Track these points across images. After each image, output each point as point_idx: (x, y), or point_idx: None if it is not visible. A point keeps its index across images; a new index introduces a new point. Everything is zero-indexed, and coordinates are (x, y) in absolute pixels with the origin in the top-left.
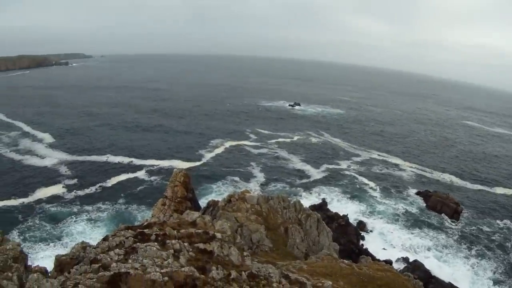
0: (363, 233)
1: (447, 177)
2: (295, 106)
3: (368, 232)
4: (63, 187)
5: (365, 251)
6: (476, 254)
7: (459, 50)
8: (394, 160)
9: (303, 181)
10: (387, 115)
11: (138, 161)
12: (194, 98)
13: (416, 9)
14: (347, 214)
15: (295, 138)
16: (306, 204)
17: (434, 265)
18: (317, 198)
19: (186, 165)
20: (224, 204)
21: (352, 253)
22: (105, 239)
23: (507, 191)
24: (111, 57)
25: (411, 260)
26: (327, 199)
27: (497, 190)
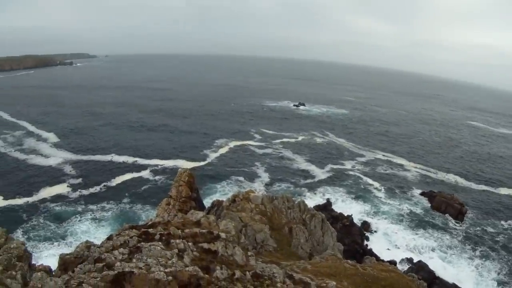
0: (367, 234)
1: (451, 178)
2: (300, 106)
3: (373, 232)
4: (67, 186)
5: (370, 251)
6: (480, 255)
7: (459, 50)
8: (398, 161)
9: (307, 181)
10: (392, 116)
11: (143, 161)
12: (198, 98)
13: (417, 9)
14: (352, 215)
15: (299, 138)
16: (311, 204)
17: (439, 266)
18: (322, 198)
19: (190, 164)
20: (229, 204)
21: (356, 253)
22: (109, 238)
23: (511, 191)
24: (115, 57)
25: (415, 260)
26: (332, 199)
27: (502, 191)
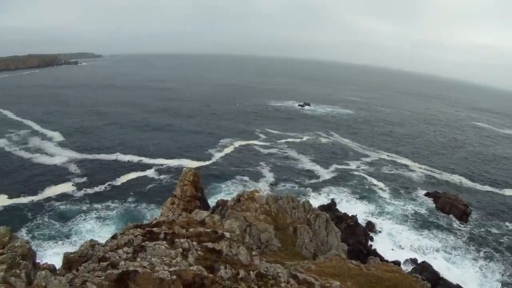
0: (371, 234)
1: (456, 178)
2: (305, 106)
3: (377, 232)
4: (72, 185)
5: (374, 251)
6: (484, 256)
7: (459, 49)
8: (403, 161)
9: (312, 181)
10: (396, 116)
11: (148, 160)
12: (202, 98)
13: (417, 9)
14: (356, 215)
15: (304, 138)
16: (315, 204)
17: (443, 267)
18: (326, 198)
19: (195, 164)
20: (233, 204)
21: (361, 253)
22: (113, 237)
23: None
24: (121, 56)
25: (419, 261)
26: (336, 200)
27: (506, 192)
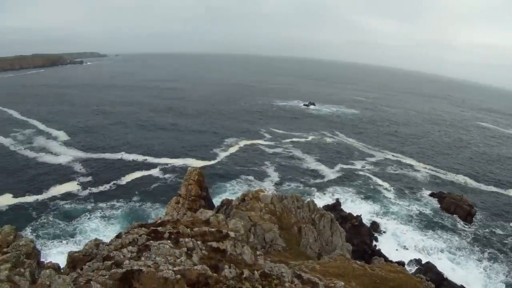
0: (376, 234)
1: (461, 179)
2: (310, 105)
3: (381, 233)
4: (77, 184)
5: (378, 252)
6: (488, 257)
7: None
8: (408, 161)
9: (317, 181)
10: (401, 116)
11: (152, 159)
12: (207, 97)
13: (422, 9)
14: (361, 215)
15: (309, 137)
16: (320, 204)
17: (447, 267)
18: (331, 198)
19: (200, 163)
20: (238, 203)
21: (365, 253)
22: (118, 236)
23: None
24: (126, 56)
25: (423, 261)
26: (341, 199)
27: (511, 192)
